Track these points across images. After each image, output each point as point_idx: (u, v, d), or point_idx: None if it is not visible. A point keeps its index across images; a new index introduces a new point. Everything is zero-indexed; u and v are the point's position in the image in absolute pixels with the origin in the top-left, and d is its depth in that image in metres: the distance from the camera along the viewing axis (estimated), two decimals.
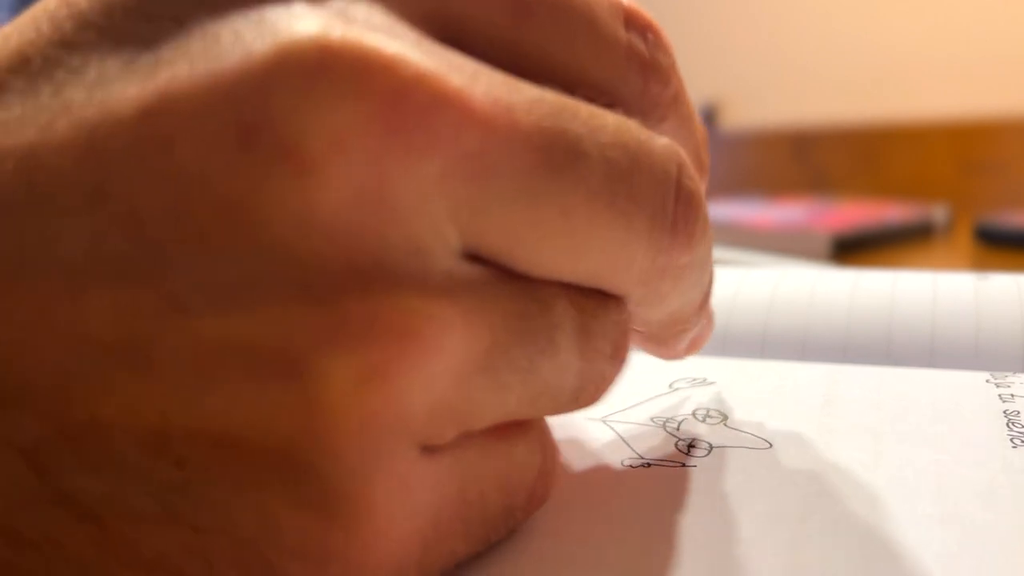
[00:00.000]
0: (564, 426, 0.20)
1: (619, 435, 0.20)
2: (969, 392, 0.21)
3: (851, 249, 0.59)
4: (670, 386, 0.23)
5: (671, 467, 0.18)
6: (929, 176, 1.08)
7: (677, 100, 0.15)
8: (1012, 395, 0.20)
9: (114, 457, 0.11)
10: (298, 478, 0.11)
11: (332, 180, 0.10)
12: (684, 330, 0.17)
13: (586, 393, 0.14)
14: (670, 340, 0.18)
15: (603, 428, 0.20)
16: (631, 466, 0.18)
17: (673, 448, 0.19)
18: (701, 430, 0.20)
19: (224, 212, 0.10)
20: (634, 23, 0.14)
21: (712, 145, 1.54)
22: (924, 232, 0.68)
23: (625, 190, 0.13)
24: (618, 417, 0.21)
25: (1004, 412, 0.19)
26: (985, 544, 0.14)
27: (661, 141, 0.14)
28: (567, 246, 0.12)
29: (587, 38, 0.14)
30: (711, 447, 0.19)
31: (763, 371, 0.24)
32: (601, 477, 0.17)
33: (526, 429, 0.14)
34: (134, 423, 0.11)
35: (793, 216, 0.68)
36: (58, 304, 0.10)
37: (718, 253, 0.48)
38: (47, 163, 0.11)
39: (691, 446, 0.19)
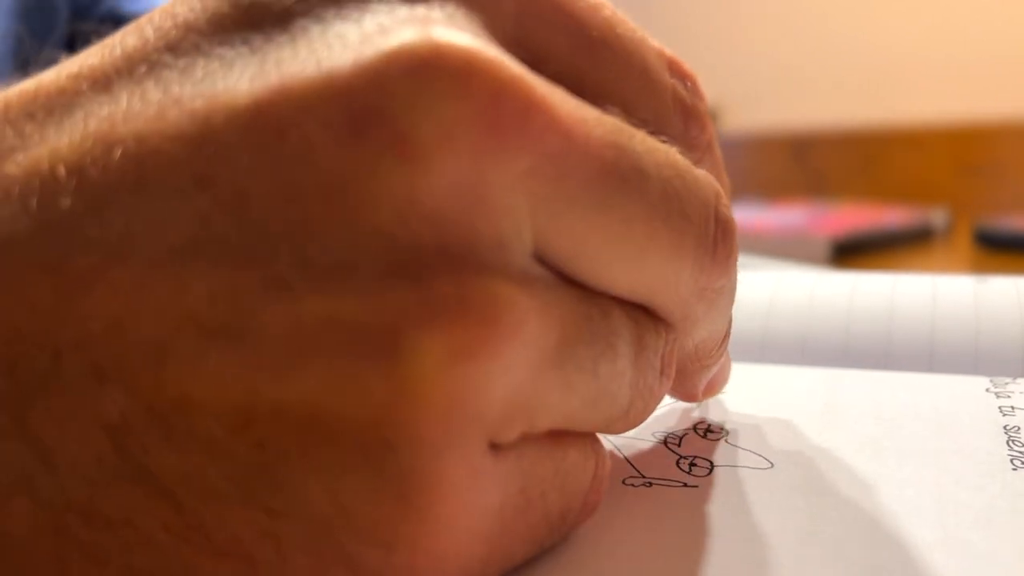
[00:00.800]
0: None
1: (619, 451, 0.19)
2: (969, 404, 0.21)
3: (850, 252, 0.59)
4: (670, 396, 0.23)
5: (672, 486, 0.18)
6: (928, 179, 1.08)
7: (711, 147, 0.17)
8: (1012, 407, 0.20)
9: (198, 435, 0.11)
10: (378, 459, 0.11)
11: (437, 170, 0.11)
12: (705, 366, 0.18)
13: (636, 408, 0.15)
14: (690, 377, 0.18)
15: (604, 442, 0.20)
16: (632, 485, 0.18)
17: (674, 466, 0.19)
18: (703, 447, 0.19)
19: (331, 195, 0.11)
20: (677, 71, 0.16)
21: None
22: (923, 235, 0.68)
23: (678, 207, 0.14)
24: None
25: (1004, 428, 0.19)
26: (985, 569, 0.14)
27: (701, 171, 0.15)
28: (626, 256, 0.13)
29: (639, 78, 0.15)
30: (712, 466, 0.18)
31: (762, 376, 0.24)
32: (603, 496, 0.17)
33: (580, 434, 0.14)
34: (223, 400, 0.11)
35: (792, 220, 0.68)
36: (161, 283, 0.11)
37: None
38: (158, 149, 0.11)
39: (692, 464, 0.19)
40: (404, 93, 0.11)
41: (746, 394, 0.22)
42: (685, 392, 0.19)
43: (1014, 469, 0.17)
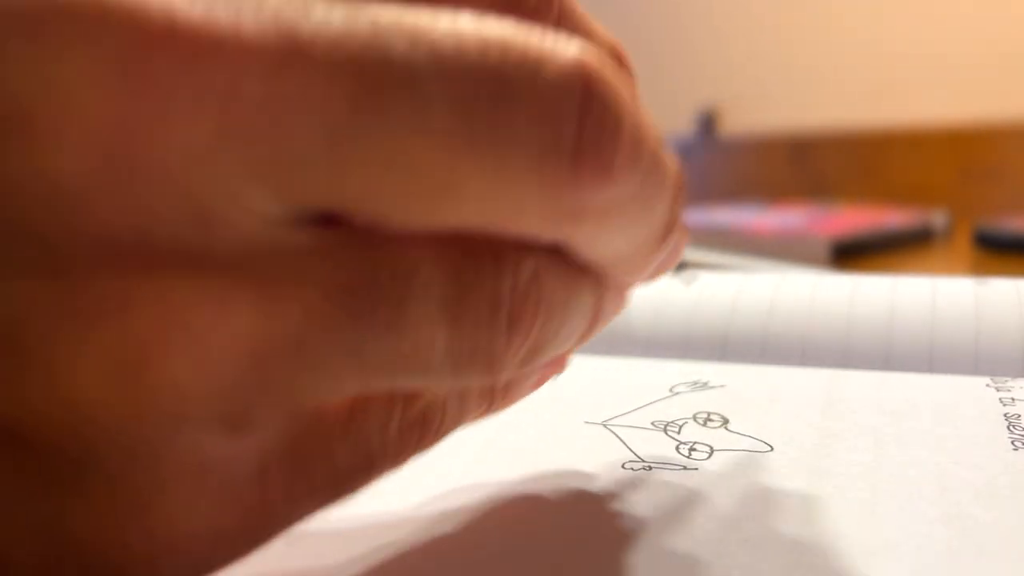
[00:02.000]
0: (565, 429, 0.21)
1: (620, 438, 0.20)
2: (969, 396, 0.21)
3: (851, 254, 0.59)
4: (671, 390, 0.23)
5: (672, 470, 0.18)
6: (928, 181, 1.08)
7: (564, 9, 0.13)
8: (1012, 398, 0.21)
9: None
10: (81, 479, 0.10)
11: (70, 145, 0.09)
12: (640, 268, 0.14)
13: (473, 367, 0.12)
14: (628, 276, 0.15)
15: (604, 432, 0.20)
16: (632, 469, 0.18)
17: (674, 451, 0.19)
18: (702, 434, 0.20)
19: None
20: None
21: (711, 150, 1.55)
22: (924, 237, 0.68)
23: (488, 125, 0.10)
24: (619, 421, 0.21)
25: (1005, 415, 0.19)
26: (986, 544, 0.14)
27: (558, 49, 0.11)
28: (421, 197, 0.10)
29: None
30: (712, 450, 0.19)
31: (763, 376, 0.24)
32: (602, 480, 0.17)
33: None
34: None
35: (792, 221, 0.68)
36: None
37: (718, 258, 0.49)
38: None
39: (692, 449, 0.19)
40: (17, 56, 0.09)
41: (747, 390, 0.22)
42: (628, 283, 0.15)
43: (1015, 450, 0.17)
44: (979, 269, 0.55)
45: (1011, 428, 0.19)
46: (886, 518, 0.15)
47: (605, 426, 0.21)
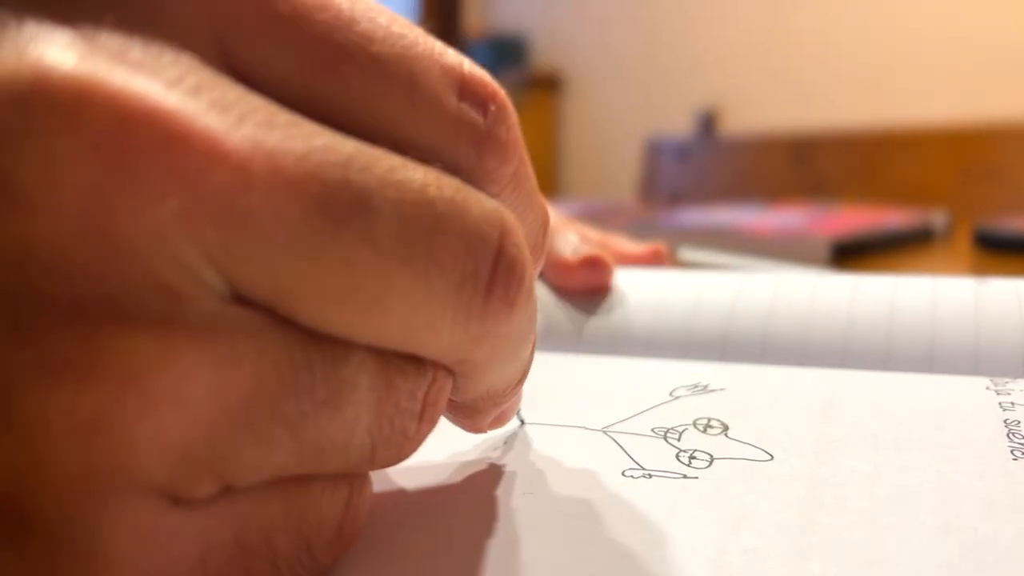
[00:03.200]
0: (564, 436, 0.20)
1: (620, 446, 0.20)
2: (969, 400, 0.21)
3: (851, 254, 0.59)
4: (671, 394, 0.23)
5: (672, 478, 0.18)
6: (928, 181, 1.08)
7: (516, 178, 0.15)
8: (1012, 403, 0.20)
9: None
10: (21, 537, 0.10)
11: (48, 214, 0.10)
12: (497, 404, 0.16)
13: (382, 454, 0.13)
14: (478, 413, 0.17)
15: (604, 439, 0.20)
16: (632, 477, 0.18)
17: (674, 460, 0.19)
18: (702, 441, 0.20)
19: None
20: (471, 92, 0.14)
21: (711, 151, 1.55)
22: (923, 237, 0.68)
23: (424, 249, 0.12)
24: (619, 428, 0.21)
25: (1005, 422, 0.19)
26: (986, 555, 0.14)
27: (484, 203, 0.13)
28: (355, 305, 0.12)
29: (403, 99, 0.13)
30: (712, 458, 0.18)
31: (763, 377, 0.24)
32: (602, 488, 0.17)
33: None
34: None
35: (792, 221, 0.68)
36: None
37: (718, 257, 0.48)
38: None
39: (692, 457, 0.19)
40: (4, 130, 0.10)
41: (747, 393, 0.22)
42: (470, 426, 0.17)
43: (1014, 459, 0.17)
44: (979, 269, 0.55)
45: (1011, 436, 0.18)
46: (885, 528, 0.15)
47: (605, 433, 0.20)
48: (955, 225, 0.74)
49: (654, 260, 0.36)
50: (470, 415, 0.17)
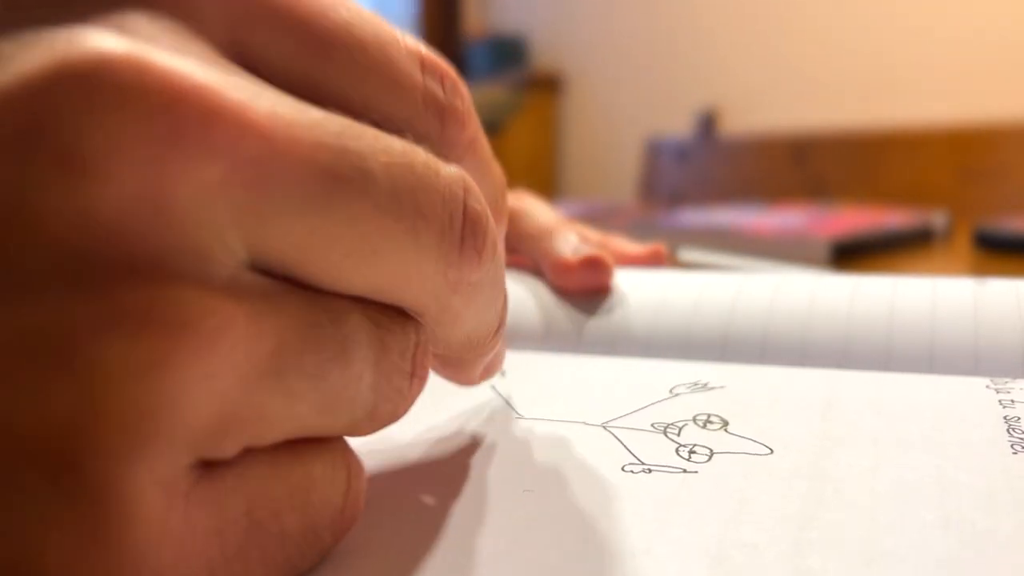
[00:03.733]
0: (563, 431, 0.20)
1: (620, 441, 0.20)
2: (969, 398, 0.21)
3: (850, 255, 0.59)
4: (670, 391, 0.23)
5: (672, 473, 0.18)
6: (928, 182, 1.08)
7: (474, 144, 0.17)
8: (1012, 400, 0.20)
9: None
10: (65, 479, 0.11)
11: (109, 182, 0.11)
12: (480, 354, 0.18)
13: (383, 410, 0.14)
14: (466, 364, 0.19)
15: (604, 434, 0.20)
16: (632, 471, 0.18)
17: (674, 454, 0.19)
18: (702, 436, 0.20)
19: (5, 212, 0.11)
20: (431, 70, 0.16)
21: (711, 151, 1.55)
22: (923, 237, 0.68)
23: (412, 205, 0.14)
24: (619, 423, 0.21)
25: (1004, 418, 0.19)
26: (986, 550, 0.14)
27: (448, 167, 0.15)
28: (358, 257, 0.13)
29: (382, 78, 0.15)
30: (712, 453, 0.19)
31: (764, 377, 0.24)
32: (602, 483, 0.17)
33: (325, 446, 0.14)
34: None
35: (792, 222, 0.68)
36: None
37: (718, 258, 0.49)
38: None
39: (692, 452, 0.19)
40: (69, 107, 0.11)
41: (747, 391, 0.22)
42: (461, 378, 0.20)
43: (1014, 453, 0.17)
44: (979, 269, 0.55)
45: (1011, 431, 0.19)
46: (885, 523, 0.15)
47: (605, 428, 0.21)
48: (955, 225, 0.74)
49: (654, 260, 0.36)
50: (459, 367, 0.19)
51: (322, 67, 0.14)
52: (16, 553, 0.11)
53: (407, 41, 0.16)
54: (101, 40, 0.11)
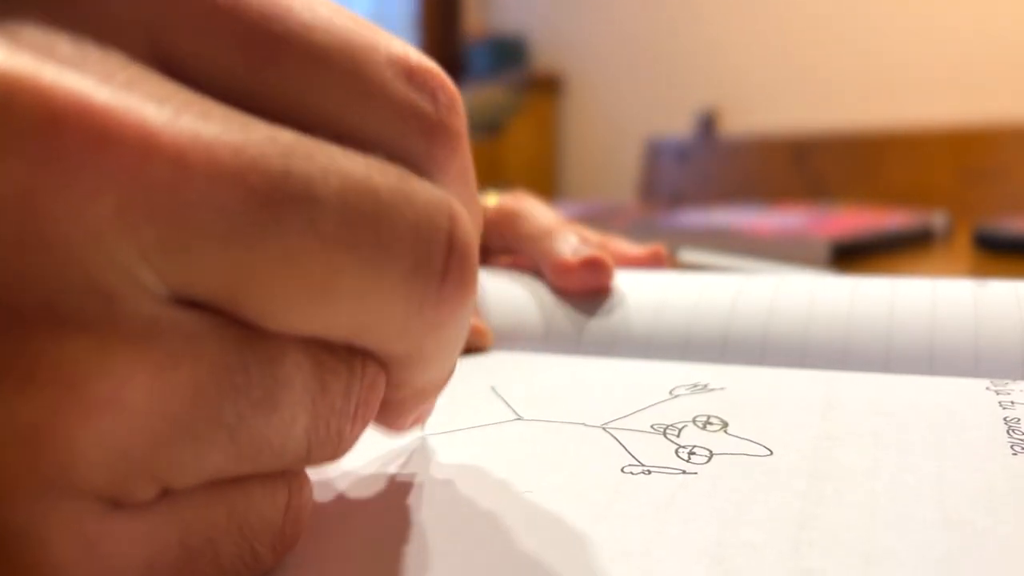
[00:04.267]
0: (563, 432, 0.21)
1: (619, 442, 0.20)
2: (969, 399, 0.21)
3: (850, 256, 0.59)
4: (670, 393, 0.23)
5: (671, 474, 0.18)
6: (928, 182, 1.08)
7: (463, 171, 0.15)
8: (1012, 402, 0.20)
9: None
10: None
11: None
12: (426, 400, 0.16)
13: (317, 454, 0.13)
14: (402, 410, 0.16)
15: (603, 435, 0.20)
16: (631, 473, 0.18)
17: (673, 455, 0.19)
18: (702, 437, 0.20)
19: None
20: (420, 81, 0.14)
21: (712, 152, 1.55)
22: (923, 238, 0.68)
23: (371, 238, 0.12)
24: (619, 424, 0.21)
25: (1004, 419, 0.19)
26: (986, 550, 0.14)
27: (431, 190, 0.13)
28: (301, 296, 0.12)
29: (345, 87, 0.13)
30: (711, 454, 0.19)
31: (763, 378, 0.24)
32: (601, 484, 0.17)
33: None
34: None
35: (792, 223, 0.68)
36: None
37: (718, 259, 0.49)
38: None
39: (691, 453, 0.19)
40: None
41: (747, 393, 0.22)
42: (393, 424, 0.17)
43: (1014, 454, 0.17)
44: (979, 270, 0.55)
45: (1011, 432, 0.19)
46: (885, 524, 0.15)
47: (604, 429, 0.21)
48: (955, 226, 0.74)
49: (654, 261, 0.36)
50: (395, 413, 0.16)
51: (271, 78, 0.13)
52: None
53: (391, 48, 0.14)
54: None
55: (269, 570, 0.14)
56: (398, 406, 0.16)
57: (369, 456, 0.20)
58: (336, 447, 0.14)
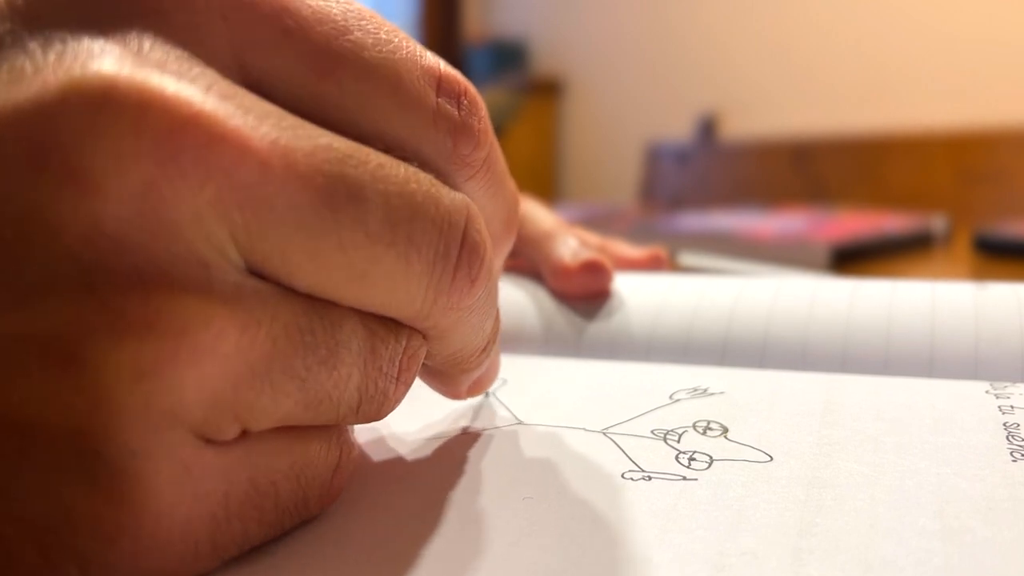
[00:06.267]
0: (563, 437, 0.20)
1: (620, 447, 0.20)
2: (968, 403, 0.21)
3: (850, 259, 0.59)
4: (670, 397, 0.23)
5: (672, 480, 0.18)
6: (928, 186, 1.08)
7: (489, 162, 0.17)
8: (1012, 406, 0.20)
9: None
10: (87, 461, 0.12)
11: (113, 199, 0.12)
12: (466, 370, 0.19)
13: (367, 408, 0.16)
14: (453, 379, 0.19)
15: (604, 440, 0.20)
16: (632, 479, 0.18)
17: (674, 461, 0.19)
18: (702, 443, 0.20)
19: (17, 224, 0.12)
20: (447, 89, 0.16)
21: (712, 155, 1.55)
22: (923, 242, 0.68)
23: (405, 234, 0.14)
24: (618, 429, 0.21)
25: (1004, 424, 0.19)
26: (985, 558, 0.14)
27: (453, 196, 0.15)
28: (346, 278, 0.14)
29: (389, 99, 0.15)
30: (712, 460, 0.19)
31: (763, 381, 0.24)
32: (601, 491, 0.17)
33: (322, 428, 0.16)
34: None
35: (792, 226, 0.68)
36: None
37: (718, 262, 0.49)
38: None
39: (692, 459, 0.19)
40: (78, 127, 0.12)
41: (747, 396, 0.22)
42: (446, 391, 0.20)
43: (1014, 461, 0.17)
44: (979, 274, 0.55)
45: (1010, 438, 0.19)
46: (885, 532, 0.15)
47: (605, 434, 0.20)
48: (955, 230, 0.74)
49: (654, 264, 0.36)
50: (445, 381, 0.20)
51: (329, 90, 0.15)
52: (54, 517, 0.12)
53: (425, 60, 0.16)
54: (111, 65, 0.12)
55: (314, 517, 0.16)
56: (444, 376, 0.19)
57: (378, 457, 0.20)
58: (381, 405, 0.16)
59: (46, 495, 0.12)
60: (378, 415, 0.16)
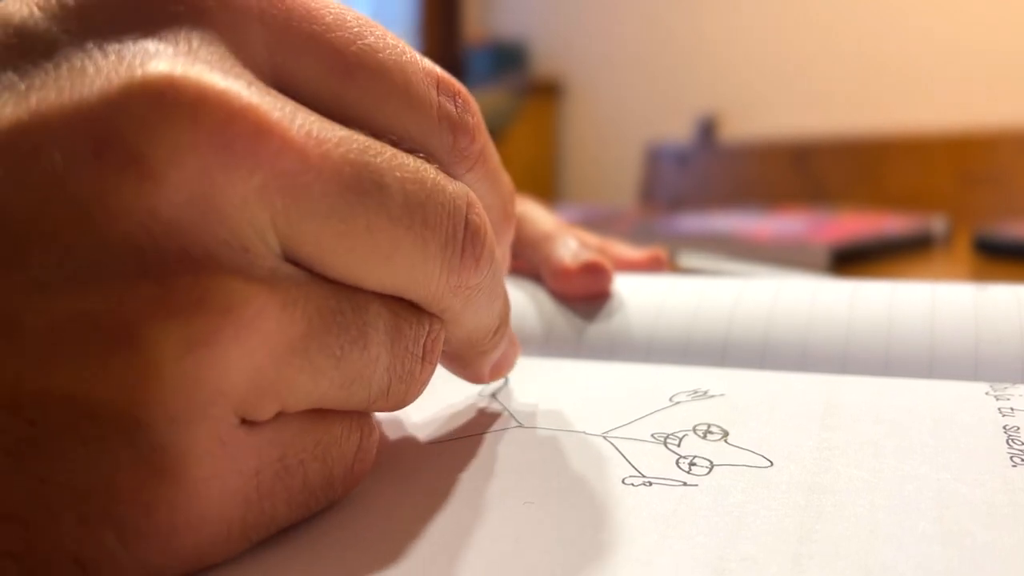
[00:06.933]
0: (564, 441, 0.20)
1: (620, 452, 0.20)
2: (968, 405, 0.21)
3: (850, 260, 0.59)
4: (671, 399, 0.23)
5: (672, 486, 0.18)
6: (928, 187, 1.08)
7: (484, 154, 0.19)
8: (1012, 409, 0.20)
9: None
10: (133, 435, 0.13)
11: (171, 186, 0.13)
12: (483, 352, 0.20)
13: (396, 390, 0.17)
14: (472, 362, 0.21)
15: (604, 444, 0.20)
16: (632, 484, 0.18)
17: (674, 466, 0.19)
18: (702, 447, 0.19)
19: (78, 208, 0.13)
20: (445, 89, 0.18)
21: (712, 156, 1.55)
22: (923, 243, 0.68)
23: (421, 217, 0.16)
24: (619, 433, 0.21)
25: (1004, 428, 0.19)
26: (985, 563, 0.14)
27: (455, 184, 0.17)
28: (372, 260, 0.15)
29: (400, 98, 0.17)
30: (712, 465, 0.18)
31: (763, 382, 0.24)
32: (602, 497, 0.17)
33: (345, 411, 0.16)
34: None
35: (792, 227, 0.68)
36: None
37: (718, 263, 0.49)
38: None
39: (692, 464, 0.19)
40: (141, 120, 0.13)
41: (747, 399, 0.22)
42: (469, 375, 0.21)
43: (1014, 466, 0.17)
44: (979, 275, 0.55)
45: (1010, 442, 0.18)
46: (885, 537, 0.15)
47: (605, 438, 0.20)
48: (955, 231, 0.74)
49: (654, 266, 0.36)
50: (465, 364, 0.21)
51: (348, 90, 0.16)
52: (95, 485, 0.13)
53: (424, 64, 0.17)
54: (168, 63, 0.13)
55: (339, 499, 0.17)
56: (463, 359, 0.20)
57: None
58: (409, 386, 0.17)
59: (89, 464, 0.13)
60: (405, 398, 0.17)
